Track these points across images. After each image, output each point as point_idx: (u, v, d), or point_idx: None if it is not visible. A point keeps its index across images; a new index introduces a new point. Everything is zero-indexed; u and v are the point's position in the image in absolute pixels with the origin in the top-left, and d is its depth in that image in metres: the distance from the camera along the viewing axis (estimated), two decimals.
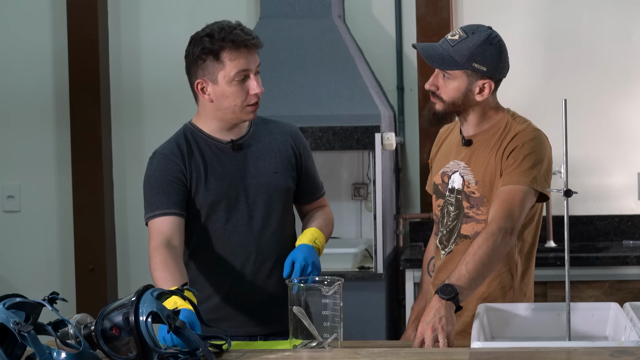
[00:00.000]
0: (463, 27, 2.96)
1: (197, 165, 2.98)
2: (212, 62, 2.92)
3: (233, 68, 2.91)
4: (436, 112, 2.98)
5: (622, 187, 4.93)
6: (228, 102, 2.94)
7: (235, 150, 3.01)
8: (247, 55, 2.92)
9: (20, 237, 5.22)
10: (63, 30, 5.10)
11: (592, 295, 4.44)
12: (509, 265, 2.97)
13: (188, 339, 2.38)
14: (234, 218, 2.98)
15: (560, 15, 4.93)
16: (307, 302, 2.56)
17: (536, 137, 2.95)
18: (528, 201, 2.88)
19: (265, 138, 3.06)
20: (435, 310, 2.59)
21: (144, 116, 5.16)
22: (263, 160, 3.03)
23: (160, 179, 2.95)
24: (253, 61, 2.94)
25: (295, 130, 3.13)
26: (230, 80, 2.92)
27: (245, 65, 2.91)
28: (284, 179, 3.04)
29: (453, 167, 3.04)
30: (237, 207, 2.99)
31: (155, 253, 2.83)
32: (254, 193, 3.01)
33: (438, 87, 2.96)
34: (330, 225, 3.11)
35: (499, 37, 2.96)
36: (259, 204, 3.01)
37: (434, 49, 2.95)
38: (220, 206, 2.98)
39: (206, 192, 2.97)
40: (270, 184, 3.02)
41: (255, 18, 4.97)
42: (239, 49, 2.91)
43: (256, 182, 3.01)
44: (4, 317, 2.25)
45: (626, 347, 2.37)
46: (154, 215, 2.92)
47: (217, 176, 2.98)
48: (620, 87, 4.90)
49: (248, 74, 2.93)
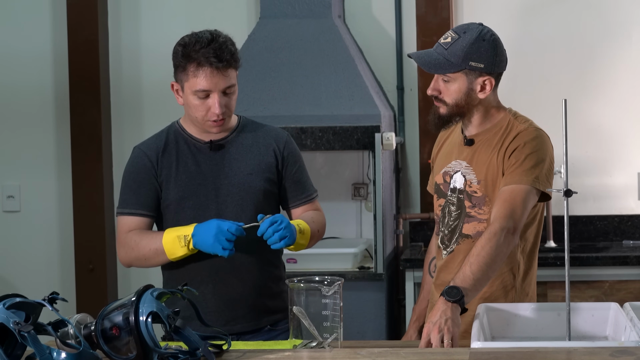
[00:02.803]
0: (454, 29, 2.97)
1: (170, 162, 3.04)
2: (180, 72, 2.98)
3: (194, 84, 2.94)
4: (441, 115, 2.98)
5: (622, 187, 4.93)
6: (192, 112, 3.00)
7: (213, 150, 3.05)
8: (210, 75, 2.92)
9: (20, 237, 5.22)
10: (63, 30, 5.10)
11: (592, 295, 4.44)
12: (511, 265, 2.97)
13: (188, 339, 2.38)
14: (202, 216, 3.01)
15: (560, 15, 4.93)
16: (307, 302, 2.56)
17: (538, 136, 2.95)
18: (530, 200, 2.88)
19: (247, 140, 3.09)
20: (442, 312, 2.60)
21: (144, 116, 5.16)
22: (240, 162, 3.06)
23: (133, 176, 3.06)
24: (217, 82, 2.93)
25: (283, 135, 3.14)
26: (192, 94, 2.96)
27: (205, 86, 2.93)
28: (258, 181, 3.05)
29: (455, 167, 3.04)
30: (205, 205, 3.02)
31: (127, 237, 3.02)
32: (225, 193, 3.03)
33: (440, 91, 2.97)
34: (318, 223, 3.11)
35: (492, 32, 2.96)
36: (229, 204, 3.03)
37: (429, 56, 2.95)
38: (188, 203, 3.02)
39: (175, 189, 3.03)
40: (243, 185, 3.04)
41: (255, 18, 4.97)
42: (202, 68, 2.93)
43: (228, 182, 3.04)
44: (4, 317, 2.25)
45: (626, 347, 2.37)
46: (122, 212, 3.07)
47: (189, 174, 3.03)
48: (620, 87, 4.90)
49: (209, 93, 2.95)
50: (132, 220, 3.05)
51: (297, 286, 2.54)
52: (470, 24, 2.98)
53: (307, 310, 2.54)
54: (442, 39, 2.96)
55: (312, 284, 2.54)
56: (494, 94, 3.01)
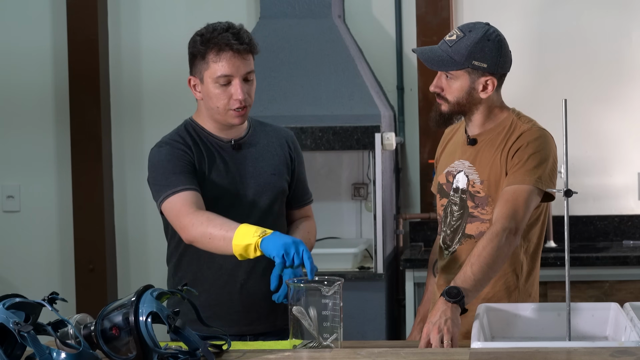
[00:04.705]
0: (460, 27, 2.96)
1: (201, 157, 2.99)
2: (200, 62, 2.95)
3: (216, 70, 2.92)
4: (442, 113, 2.98)
5: (622, 187, 4.93)
6: (212, 103, 2.95)
7: (235, 149, 3.02)
8: (231, 59, 2.92)
9: (20, 237, 5.22)
10: (63, 30, 5.10)
11: (592, 295, 4.44)
12: (514, 266, 2.97)
13: (188, 339, 2.38)
14: (231, 216, 2.98)
15: (560, 15, 4.93)
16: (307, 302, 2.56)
17: (541, 136, 2.94)
18: (533, 201, 2.87)
19: (263, 140, 3.08)
20: (442, 312, 2.59)
21: (144, 116, 5.16)
22: (262, 162, 3.04)
23: (174, 161, 2.92)
24: (239, 66, 2.93)
25: (292, 135, 3.15)
26: (213, 82, 2.93)
27: (227, 70, 2.92)
28: (281, 181, 3.06)
29: (458, 167, 3.04)
30: (235, 205, 2.99)
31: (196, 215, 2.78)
32: (253, 193, 3.02)
33: (442, 88, 2.96)
34: (313, 238, 3.13)
35: (497, 32, 2.95)
36: (257, 204, 3.02)
37: (433, 52, 2.95)
38: (220, 203, 2.97)
39: (207, 186, 2.98)
40: (269, 185, 3.03)
41: (255, 18, 4.97)
42: (223, 53, 2.91)
43: (255, 182, 3.02)
44: (4, 317, 2.25)
45: (626, 347, 2.37)
46: (175, 191, 2.86)
47: (219, 172, 3.00)
48: (620, 87, 4.90)
49: (230, 79, 2.93)
50: (188, 195, 2.85)
51: (297, 286, 2.54)
52: (477, 23, 2.97)
53: (307, 310, 2.54)
54: (448, 36, 2.95)
55: (312, 284, 2.54)
56: (498, 94, 3.00)
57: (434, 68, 2.95)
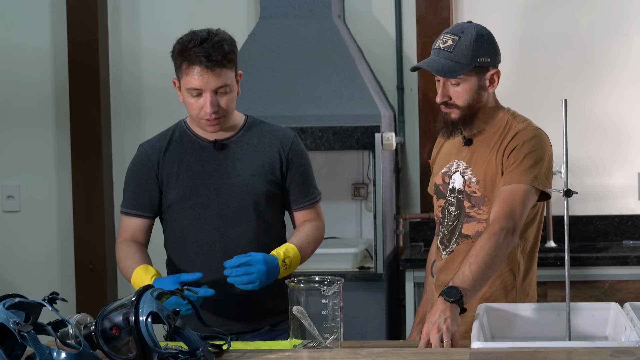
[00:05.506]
0: (448, 31, 2.96)
1: (172, 161, 3.04)
2: (177, 69, 2.99)
3: (187, 82, 2.94)
4: (454, 120, 2.96)
5: (622, 187, 4.93)
6: (188, 110, 3.01)
7: (217, 149, 3.04)
8: (201, 74, 2.91)
9: (20, 237, 5.22)
10: (63, 30, 5.10)
11: (592, 295, 4.44)
12: (511, 265, 2.97)
13: (188, 339, 2.38)
14: (202, 216, 3.01)
15: (560, 15, 4.93)
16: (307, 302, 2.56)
17: (536, 135, 2.95)
18: (529, 200, 2.87)
19: (253, 140, 3.07)
20: (441, 312, 2.60)
21: (143, 116, 5.16)
22: (243, 162, 3.04)
23: (134, 175, 3.10)
24: (208, 81, 2.91)
25: (289, 136, 3.11)
26: (187, 91, 2.96)
27: (197, 84, 2.92)
28: (261, 182, 3.04)
29: (454, 167, 3.04)
30: (206, 205, 3.02)
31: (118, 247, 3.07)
32: (227, 193, 3.03)
33: (450, 96, 2.96)
34: (314, 241, 3.09)
35: (484, 27, 2.98)
36: (230, 204, 3.02)
37: (437, 62, 2.93)
38: (189, 203, 3.02)
39: (175, 188, 3.03)
40: (245, 185, 3.03)
41: (255, 18, 4.97)
42: (194, 66, 2.92)
43: (231, 182, 3.03)
44: (4, 317, 2.25)
45: (626, 347, 2.37)
46: (123, 211, 3.11)
47: (191, 174, 3.03)
48: (620, 87, 4.90)
49: (201, 92, 2.93)
50: (131, 221, 3.09)
51: (297, 286, 2.54)
52: (462, 23, 2.98)
53: (307, 310, 2.54)
54: (442, 44, 2.93)
55: (312, 284, 2.54)
56: (493, 94, 3.01)
57: (446, 76, 2.93)
